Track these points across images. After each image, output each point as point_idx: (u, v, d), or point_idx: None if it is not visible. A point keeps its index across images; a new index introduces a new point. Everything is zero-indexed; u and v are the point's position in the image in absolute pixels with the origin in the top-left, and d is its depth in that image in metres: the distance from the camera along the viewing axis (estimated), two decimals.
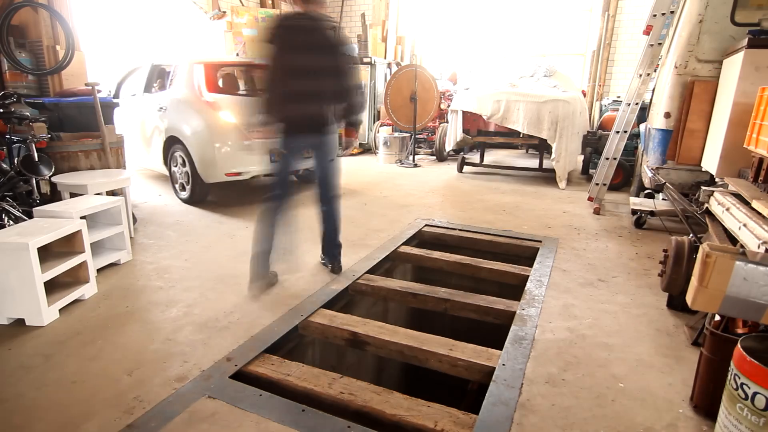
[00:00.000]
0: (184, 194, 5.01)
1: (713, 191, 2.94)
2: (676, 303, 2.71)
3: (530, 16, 10.13)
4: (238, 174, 4.67)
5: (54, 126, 3.94)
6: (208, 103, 4.65)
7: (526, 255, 3.73)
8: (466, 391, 3.21)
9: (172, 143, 4.92)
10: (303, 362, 2.30)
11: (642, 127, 4.97)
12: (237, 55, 7.53)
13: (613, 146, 4.87)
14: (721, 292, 1.62)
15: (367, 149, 9.17)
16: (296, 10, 2.78)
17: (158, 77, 5.56)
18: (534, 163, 7.21)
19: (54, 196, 3.65)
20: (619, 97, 7.75)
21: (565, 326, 2.56)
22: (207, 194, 4.97)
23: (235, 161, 4.64)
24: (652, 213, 4.31)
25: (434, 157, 8.46)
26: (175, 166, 5.01)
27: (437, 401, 2.02)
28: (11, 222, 3.09)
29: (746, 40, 3.10)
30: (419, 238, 4.16)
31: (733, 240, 2.50)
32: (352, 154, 8.38)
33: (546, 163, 6.62)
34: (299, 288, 3.02)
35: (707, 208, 3.00)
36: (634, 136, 5.67)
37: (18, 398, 1.97)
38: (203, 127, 4.57)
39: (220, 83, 5.04)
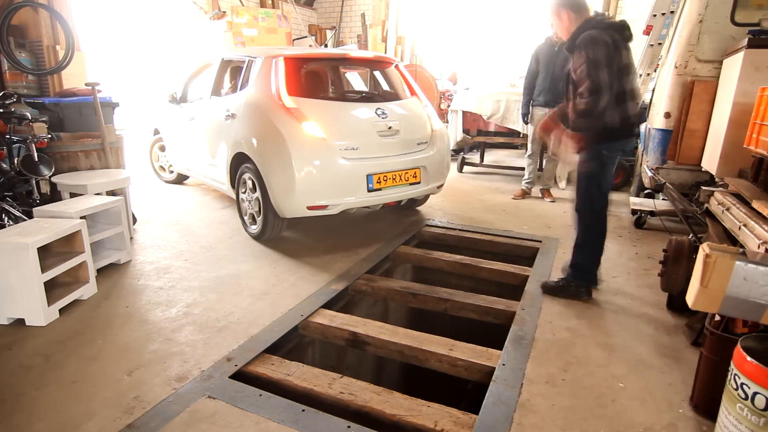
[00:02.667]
0: (254, 228, 3.88)
1: (713, 191, 2.94)
2: (676, 303, 2.71)
3: (530, 16, 10.13)
4: (324, 207, 3.51)
5: (54, 126, 3.93)
6: (289, 110, 3.48)
7: (526, 255, 3.73)
8: (466, 391, 3.21)
9: (240, 161, 3.82)
10: (303, 362, 2.30)
11: (642, 127, 4.97)
12: (325, 46, 6.75)
13: None
14: (721, 292, 1.62)
15: None
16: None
17: (230, 76, 4.61)
18: None
19: (54, 196, 3.64)
20: None
21: (565, 326, 2.56)
22: (282, 230, 3.87)
23: (321, 191, 3.47)
24: (652, 213, 4.31)
25: None
26: (244, 191, 3.88)
27: (437, 401, 2.02)
28: (11, 222, 3.09)
29: (746, 40, 3.10)
30: (419, 238, 4.16)
31: (733, 240, 2.50)
32: None
33: None
34: (299, 288, 3.03)
35: (707, 208, 3.00)
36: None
37: (18, 398, 1.97)
38: (281, 142, 3.40)
39: (305, 84, 3.94)
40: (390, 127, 3.72)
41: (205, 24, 7.59)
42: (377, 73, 4.61)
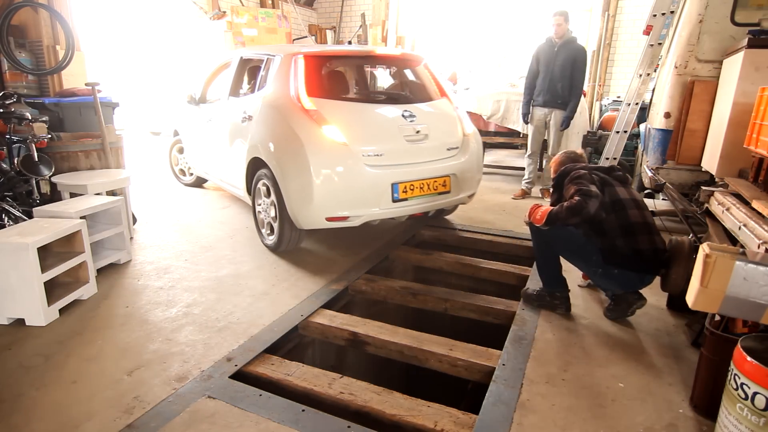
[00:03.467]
0: (270, 239, 3.62)
1: (713, 191, 2.94)
2: (676, 303, 2.71)
3: (530, 16, 10.13)
4: (345, 218, 3.24)
5: (54, 126, 3.93)
6: (308, 112, 3.22)
7: (526, 255, 3.73)
8: (466, 391, 3.21)
9: (257, 167, 3.57)
10: (303, 362, 2.31)
11: (642, 127, 4.96)
12: (349, 43, 6.47)
13: (613, 146, 4.86)
14: (721, 292, 1.62)
15: None
16: None
17: (248, 76, 4.37)
18: None
19: (54, 196, 3.64)
20: (619, 97, 7.74)
21: (565, 326, 2.56)
22: (300, 242, 3.63)
23: (341, 201, 3.20)
24: (652, 213, 4.30)
25: None
26: (260, 199, 3.63)
27: (437, 401, 2.02)
28: (11, 222, 3.09)
29: (746, 40, 3.10)
30: (419, 238, 4.16)
31: (733, 240, 2.50)
32: None
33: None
34: (299, 288, 3.03)
35: (707, 208, 3.00)
36: (634, 136, 5.66)
37: (18, 398, 1.97)
38: (298, 147, 3.13)
39: (327, 84, 3.67)
40: (418, 131, 3.42)
41: (205, 24, 7.59)
42: (406, 72, 4.36)
